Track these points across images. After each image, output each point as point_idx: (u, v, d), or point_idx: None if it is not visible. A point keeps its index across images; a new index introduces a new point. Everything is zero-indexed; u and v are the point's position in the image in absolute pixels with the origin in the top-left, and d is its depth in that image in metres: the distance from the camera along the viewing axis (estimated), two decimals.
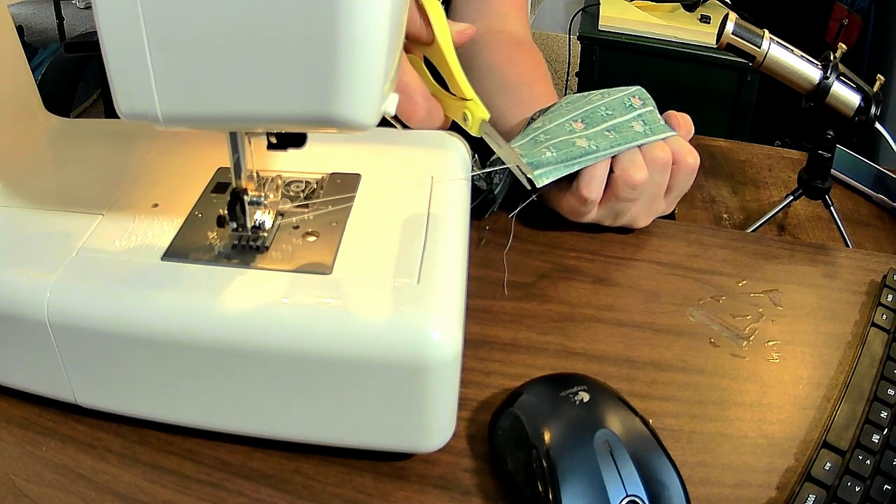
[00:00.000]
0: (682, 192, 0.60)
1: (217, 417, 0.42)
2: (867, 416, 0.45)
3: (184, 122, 0.37)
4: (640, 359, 0.51)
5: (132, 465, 0.42)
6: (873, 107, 0.66)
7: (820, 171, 0.73)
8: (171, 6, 0.33)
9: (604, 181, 0.57)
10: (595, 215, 0.60)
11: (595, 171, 0.56)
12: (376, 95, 0.36)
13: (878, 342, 0.51)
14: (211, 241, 0.43)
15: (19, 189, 0.48)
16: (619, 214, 0.59)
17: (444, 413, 0.40)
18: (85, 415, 0.44)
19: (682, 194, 0.60)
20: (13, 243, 0.43)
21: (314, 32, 0.33)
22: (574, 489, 0.38)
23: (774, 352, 0.52)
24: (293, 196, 0.47)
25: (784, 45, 0.68)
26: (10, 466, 0.42)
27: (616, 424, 0.41)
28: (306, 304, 0.39)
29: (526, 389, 0.44)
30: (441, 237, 0.43)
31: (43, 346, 0.41)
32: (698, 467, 0.43)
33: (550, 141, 0.57)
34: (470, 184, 0.51)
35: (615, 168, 0.57)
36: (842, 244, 0.74)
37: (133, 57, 0.34)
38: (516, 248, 0.60)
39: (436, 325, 0.37)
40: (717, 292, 0.57)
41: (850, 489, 0.41)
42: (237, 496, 0.41)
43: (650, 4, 1.76)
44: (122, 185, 0.48)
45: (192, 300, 0.39)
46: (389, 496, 0.41)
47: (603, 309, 0.54)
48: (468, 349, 0.47)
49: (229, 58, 0.34)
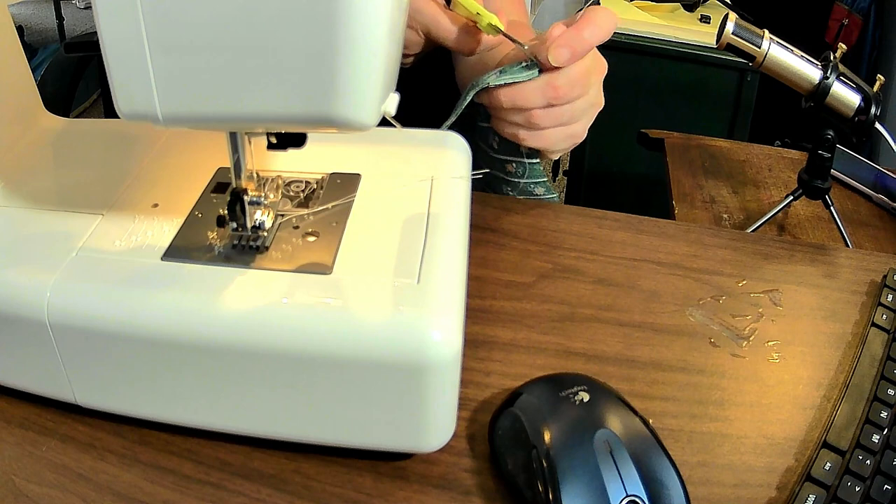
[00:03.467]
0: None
1: (217, 417, 0.42)
2: (867, 416, 0.45)
3: (184, 122, 0.37)
4: (639, 359, 0.51)
5: (132, 465, 0.42)
6: (873, 107, 0.66)
7: (820, 171, 0.73)
8: (171, 6, 0.33)
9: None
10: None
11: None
12: (376, 95, 0.36)
13: (878, 342, 0.51)
14: (211, 241, 0.43)
15: (19, 189, 0.48)
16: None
17: (444, 413, 0.40)
18: (85, 415, 0.44)
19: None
20: (13, 243, 0.43)
21: (314, 32, 0.33)
22: (574, 489, 0.38)
23: (774, 352, 0.52)
24: (293, 196, 0.47)
25: (784, 45, 0.68)
26: (10, 466, 0.42)
27: (616, 424, 0.41)
28: (306, 304, 0.39)
29: (526, 389, 0.44)
30: (441, 237, 0.43)
31: (43, 346, 0.41)
32: (698, 467, 0.43)
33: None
34: (470, 183, 0.51)
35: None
36: (842, 244, 0.74)
37: (133, 57, 0.34)
38: (516, 248, 0.60)
39: (436, 325, 0.37)
40: (717, 292, 0.57)
41: (850, 489, 0.41)
42: (237, 496, 0.41)
43: (650, 4, 1.76)
44: (122, 185, 0.48)
45: (192, 300, 0.39)
46: (389, 496, 0.41)
47: (603, 309, 0.54)
48: (468, 349, 0.47)
49: (229, 58, 0.34)
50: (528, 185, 0.64)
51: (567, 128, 0.58)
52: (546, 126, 0.57)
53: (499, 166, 0.63)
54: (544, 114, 0.56)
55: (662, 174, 0.91)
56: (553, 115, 0.56)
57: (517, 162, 0.62)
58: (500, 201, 0.64)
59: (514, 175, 0.63)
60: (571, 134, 0.59)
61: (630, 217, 0.64)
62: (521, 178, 0.63)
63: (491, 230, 0.61)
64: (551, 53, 0.53)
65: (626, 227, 0.63)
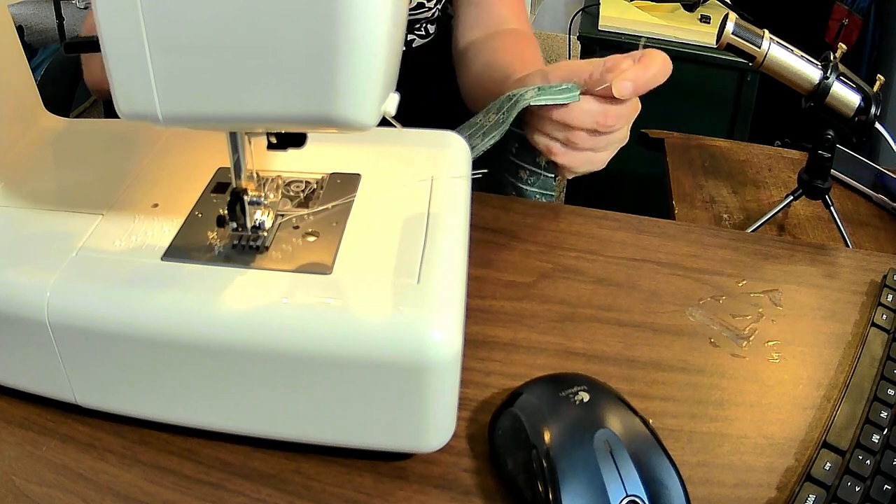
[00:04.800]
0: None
1: (217, 417, 0.42)
2: (867, 416, 0.45)
3: (184, 122, 0.37)
4: (639, 359, 0.51)
5: (132, 465, 0.42)
6: (873, 107, 0.66)
7: (820, 171, 0.73)
8: (171, 6, 0.33)
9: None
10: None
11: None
12: (376, 95, 0.36)
13: (878, 342, 0.51)
14: (211, 241, 0.43)
15: (19, 189, 0.48)
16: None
17: (444, 413, 0.40)
18: (85, 415, 0.44)
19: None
20: (13, 243, 0.43)
21: (314, 32, 0.33)
22: (574, 489, 0.38)
23: (774, 352, 0.52)
24: (293, 196, 0.47)
25: (784, 45, 0.68)
26: (10, 466, 0.42)
27: (616, 424, 0.41)
28: (306, 304, 0.39)
29: (526, 389, 0.44)
30: (441, 237, 0.43)
31: (43, 346, 0.41)
32: (698, 467, 0.43)
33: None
34: (470, 183, 0.51)
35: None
36: (842, 244, 0.74)
37: (133, 57, 0.34)
38: (516, 248, 0.60)
39: (436, 325, 0.37)
40: (717, 292, 0.57)
41: (850, 489, 0.41)
42: (237, 496, 0.41)
43: (650, 4, 1.76)
44: (122, 185, 0.48)
45: (192, 300, 0.39)
46: (389, 496, 0.41)
47: (603, 309, 0.54)
48: (468, 349, 0.47)
49: (229, 58, 0.34)
50: (535, 194, 0.64)
51: (595, 154, 0.59)
52: (582, 148, 0.58)
53: (511, 170, 0.63)
54: (586, 137, 0.58)
55: (662, 174, 0.91)
56: (592, 140, 0.58)
57: (531, 170, 0.62)
58: (500, 201, 0.64)
59: (523, 182, 0.63)
60: (595, 161, 0.60)
61: (630, 217, 0.64)
62: (531, 186, 0.63)
63: (491, 230, 0.61)
64: (617, 85, 0.55)
65: (626, 227, 0.63)
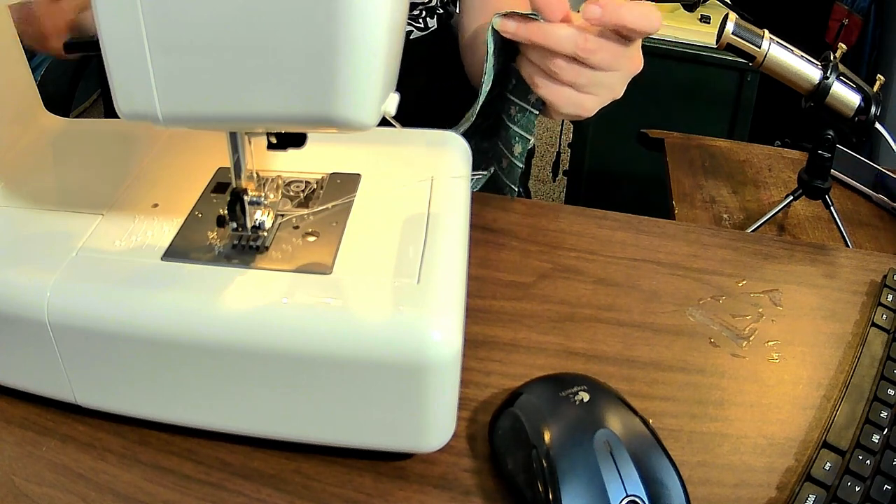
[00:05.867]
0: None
1: (217, 417, 0.42)
2: (867, 416, 0.45)
3: (184, 122, 0.37)
4: (639, 359, 0.51)
5: (132, 465, 0.42)
6: (873, 107, 0.66)
7: (820, 171, 0.73)
8: (171, 6, 0.33)
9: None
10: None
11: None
12: (376, 95, 0.36)
13: (878, 342, 0.51)
14: (211, 241, 0.43)
15: (19, 189, 0.48)
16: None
17: (444, 413, 0.40)
18: (85, 415, 0.44)
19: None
20: (13, 243, 0.43)
21: (314, 32, 0.33)
22: (574, 489, 0.38)
23: (774, 352, 0.52)
24: (293, 196, 0.47)
25: (784, 45, 0.68)
26: (10, 466, 0.42)
27: (616, 424, 0.41)
28: (306, 304, 0.39)
29: (526, 389, 0.44)
30: (441, 237, 0.43)
31: (43, 346, 0.41)
32: (698, 467, 0.43)
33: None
34: (470, 183, 0.51)
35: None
36: (842, 244, 0.74)
37: (133, 57, 0.34)
38: (516, 248, 0.60)
39: (436, 325, 0.37)
40: (717, 292, 0.57)
41: (850, 489, 0.41)
42: (237, 496, 0.41)
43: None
44: (122, 185, 0.48)
45: (192, 300, 0.39)
46: (389, 496, 0.41)
47: (603, 309, 0.54)
48: (468, 349, 0.47)
49: (229, 58, 0.34)
50: (515, 136, 0.63)
51: (579, 94, 0.58)
52: (562, 80, 0.57)
53: (505, 108, 0.63)
54: (566, 65, 0.56)
55: (662, 174, 0.91)
56: (573, 70, 0.56)
57: (521, 107, 0.62)
58: (500, 201, 0.64)
59: (511, 120, 0.63)
60: (580, 104, 0.58)
61: (630, 217, 0.64)
62: (515, 125, 0.63)
63: (491, 230, 0.61)
64: (586, 7, 0.54)
65: (626, 227, 0.63)
